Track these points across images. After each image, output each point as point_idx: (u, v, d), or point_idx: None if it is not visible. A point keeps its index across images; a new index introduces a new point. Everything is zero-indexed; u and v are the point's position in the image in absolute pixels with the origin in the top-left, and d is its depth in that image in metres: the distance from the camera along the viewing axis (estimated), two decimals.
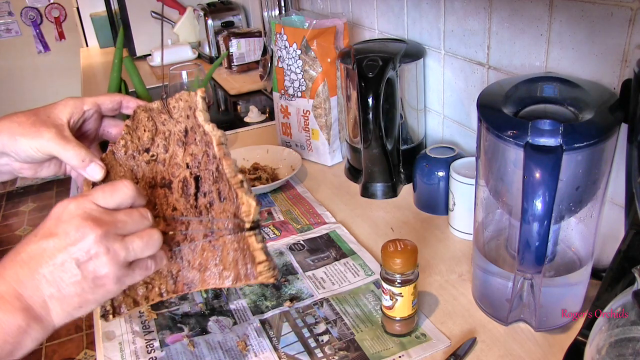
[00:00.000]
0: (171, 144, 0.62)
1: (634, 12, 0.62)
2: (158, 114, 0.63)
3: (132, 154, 0.64)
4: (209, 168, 0.58)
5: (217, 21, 2.06)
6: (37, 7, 3.57)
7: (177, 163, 0.61)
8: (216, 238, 0.57)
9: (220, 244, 0.57)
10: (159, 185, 0.62)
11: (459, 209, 0.86)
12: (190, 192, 0.60)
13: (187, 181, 0.60)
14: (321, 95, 1.11)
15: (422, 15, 1.03)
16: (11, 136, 0.58)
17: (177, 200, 0.60)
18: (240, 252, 0.56)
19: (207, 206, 0.59)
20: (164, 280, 0.59)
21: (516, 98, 0.63)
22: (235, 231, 0.56)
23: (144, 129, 0.64)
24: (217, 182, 0.58)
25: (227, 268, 0.57)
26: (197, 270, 0.58)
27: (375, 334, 0.69)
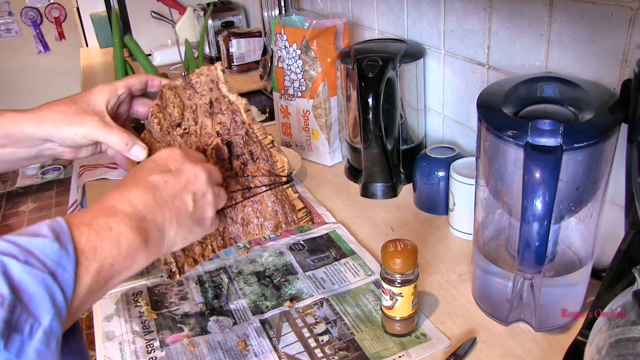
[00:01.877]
0: (199, 116, 0.66)
1: (634, 12, 0.62)
2: (183, 90, 0.68)
3: (167, 130, 0.68)
4: (239, 133, 0.64)
5: (217, 21, 2.06)
6: (37, 7, 3.57)
7: (208, 132, 0.66)
8: (254, 194, 0.64)
9: (259, 199, 0.64)
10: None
11: (459, 209, 0.86)
12: (224, 157, 0.65)
13: (220, 147, 0.65)
14: (321, 95, 1.11)
15: (422, 15, 1.03)
16: (56, 125, 0.62)
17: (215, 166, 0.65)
18: (279, 203, 0.63)
19: (241, 167, 0.65)
20: (214, 238, 0.66)
21: (516, 98, 0.63)
22: (272, 186, 0.63)
23: (172, 105, 0.68)
24: (247, 144, 0.64)
25: (267, 219, 0.64)
26: (241, 225, 0.65)
27: (375, 334, 0.69)
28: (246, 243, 0.90)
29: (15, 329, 0.35)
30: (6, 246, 0.39)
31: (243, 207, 0.64)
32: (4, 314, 0.35)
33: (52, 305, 0.38)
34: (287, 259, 0.85)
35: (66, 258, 0.40)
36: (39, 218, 3.14)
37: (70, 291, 0.40)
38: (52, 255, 0.39)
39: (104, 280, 0.44)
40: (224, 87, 0.65)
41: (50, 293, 0.38)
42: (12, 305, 0.36)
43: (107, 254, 0.44)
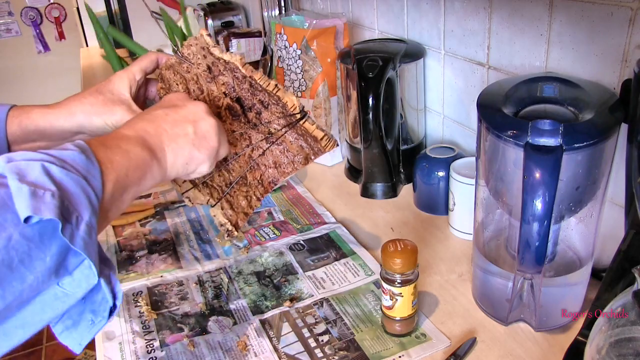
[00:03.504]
0: (203, 84, 0.69)
1: (634, 12, 0.62)
2: (179, 66, 0.71)
3: None
4: (244, 87, 0.67)
5: (217, 21, 2.06)
6: (37, 7, 3.57)
7: (216, 96, 0.69)
8: (277, 138, 0.67)
9: (282, 140, 0.67)
10: None
11: (459, 209, 0.86)
12: (238, 113, 0.68)
13: (231, 105, 0.68)
14: (321, 95, 1.11)
15: (422, 15, 1.03)
16: (87, 116, 0.66)
17: (232, 124, 0.69)
18: (302, 138, 0.67)
19: (257, 117, 0.67)
20: (255, 188, 0.69)
21: (516, 98, 0.63)
22: (290, 125, 0.66)
23: (175, 84, 0.71)
24: (255, 95, 0.67)
25: (296, 154, 0.68)
26: (274, 168, 0.68)
27: (375, 334, 0.69)
28: (246, 243, 0.90)
29: (65, 219, 0.40)
30: (42, 155, 0.43)
31: (271, 152, 0.68)
32: (57, 203, 0.39)
33: (89, 204, 0.43)
34: (287, 259, 0.85)
35: (92, 167, 0.45)
36: None
37: (100, 194, 0.45)
38: (81, 164, 0.44)
39: (121, 190, 0.49)
40: (216, 50, 0.67)
41: (86, 194, 0.43)
42: (61, 198, 0.40)
43: (121, 166, 0.49)
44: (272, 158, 0.68)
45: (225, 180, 0.68)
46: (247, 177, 0.68)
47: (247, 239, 0.91)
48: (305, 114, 0.66)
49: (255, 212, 0.99)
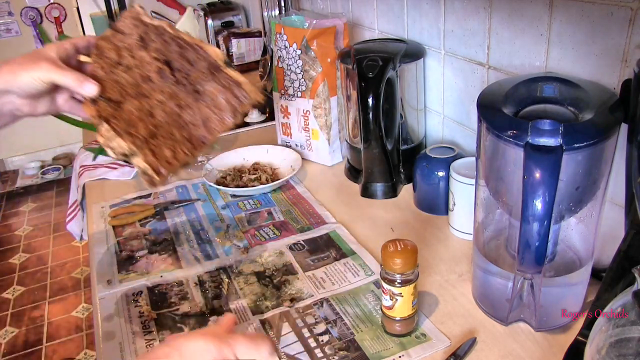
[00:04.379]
0: (135, 52, 0.74)
1: (634, 12, 0.62)
2: (114, 38, 0.76)
3: (109, 70, 0.74)
4: (172, 49, 0.72)
5: (217, 21, 2.06)
6: (37, 7, 3.57)
7: (147, 62, 0.73)
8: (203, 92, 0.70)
9: (209, 96, 0.70)
10: (141, 83, 0.73)
11: (459, 209, 0.86)
12: (167, 75, 0.72)
13: (161, 69, 0.72)
14: (321, 95, 1.11)
15: (422, 15, 1.03)
16: (13, 73, 0.68)
17: (162, 86, 0.72)
18: (226, 89, 0.69)
19: (185, 77, 0.71)
20: (182, 144, 0.70)
21: (516, 98, 0.63)
22: (214, 75, 0.70)
23: (108, 50, 0.75)
24: (182, 55, 0.71)
25: (223, 109, 0.70)
26: (203, 126, 0.70)
27: (375, 334, 0.69)
28: (246, 243, 0.90)
29: None
30: None
31: (199, 109, 0.70)
32: None
33: None
34: (287, 259, 0.85)
35: None
36: (38, 218, 3.14)
37: None
38: None
39: None
40: (146, 18, 0.74)
41: None
42: None
43: None
44: (200, 116, 0.70)
45: (149, 133, 0.69)
46: (174, 133, 0.70)
47: (247, 239, 0.91)
48: (228, 62, 0.70)
49: (255, 212, 0.99)
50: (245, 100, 0.69)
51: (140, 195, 1.08)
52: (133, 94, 0.71)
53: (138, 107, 0.71)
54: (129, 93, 0.72)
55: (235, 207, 1.02)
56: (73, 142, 3.78)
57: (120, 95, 0.71)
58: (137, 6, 0.75)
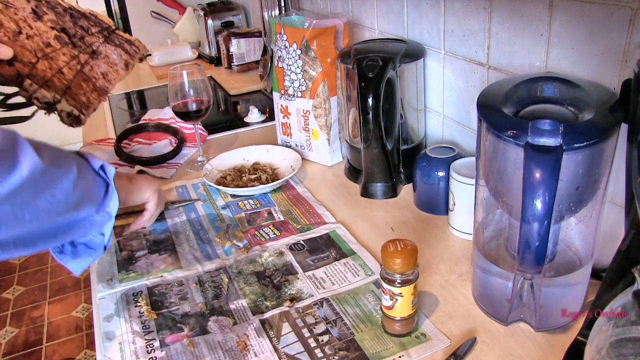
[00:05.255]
0: (31, 23, 0.83)
1: (634, 12, 0.62)
2: (7, 11, 0.84)
3: (13, 38, 0.83)
4: (66, 19, 0.84)
5: (217, 21, 2.06)
6: None
7: (44, 31, 0.83)
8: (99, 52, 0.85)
9: (104, 54, 0.85)
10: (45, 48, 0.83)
11: (459, 209, 0.86)
12: (65, 40, 0.84)
13: (59, 36, 0.83)
14: (321, 95, 1.11)
15: (422, 15, 1.03)
16: None
17: (63, 50, 0.84)
18: (118, 47, 0.85)
19: (80, 41, 0.84)
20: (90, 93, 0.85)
21: (516, 98, 0.63)
22: (107, 38, 0.85)
23: (7, 21, 0.83)
24: (76, 23, 0.84)
25: (117, 64, 0.85)
26: (103, 78, 0.85)
27: (375, 334, 0.69)
28: (246, 243, 0.90)
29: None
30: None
31: (97, 66, 0.85)
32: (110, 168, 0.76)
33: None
34: (287, 259, 0.85)
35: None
36: None
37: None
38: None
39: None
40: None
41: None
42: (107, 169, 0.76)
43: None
44: (100, 70, 0.85)
45: (64, 86, 0.84)
46: (83, 85, 0.84)
47: (247, 239, 0.91)
48: (117, 26, 0.86)
49: (255, 212, 0.99)
50: (135, 54, 0.86)
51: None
52: (41, 57, 0.83)
53: (49, 67, 0.83)
54: (38, 56, 0.83)
55: (235, 207, 1.02)
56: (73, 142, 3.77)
57: (31, 57, 0.82)
58: None
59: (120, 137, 1.31)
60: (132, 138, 1.33)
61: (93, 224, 0.72)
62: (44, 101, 0.82)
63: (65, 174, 0.65)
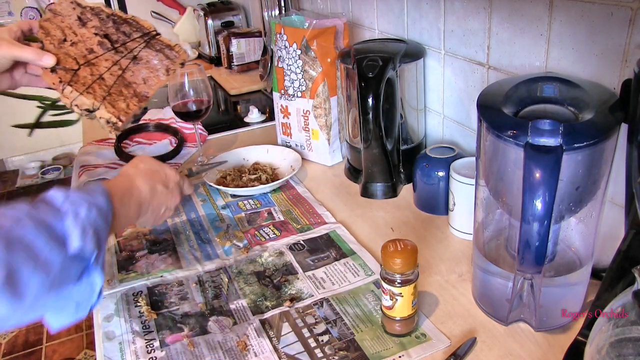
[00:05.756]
0: (76, 30, 0.87)
1: (634, 12, 0.62)
2: (55, 18, 0.88)
3: (58, 46, 0.86)
4: (108, 25, 0.88)
5: (217, 21, 2.06)
6: (37, 7, 3.57)
7: (88, 37, 0.87)
8: (140, 57, 0.88)
9: (145, 60, 0.88)
10: (87, 54, 0.86)
11: (459, 209, 0.86)
12: (108, 46, 0.87)
13: (102, 41, 0.87)
14: (321, 95, 1.11)
15: (422, 15, 1.03)
16: None
17: (105, 56, 0.87)
18: (159, 52, 0.88)
19: (122, 46, 0.87)
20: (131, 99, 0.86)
21: (516, 98, 0.63)
22: (148, 43, 0.88)
23: (53, 29, 0.87)
24: (119, 29, 0.88)
25: (158, 69, 0.88)
26: (144, 83, 0.87)
27: (375, 334, 0.69)
28: (246, 243, 0.90)
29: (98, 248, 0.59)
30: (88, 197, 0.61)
31: (139, 71, 0.87)
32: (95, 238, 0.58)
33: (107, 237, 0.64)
34: (287, 259, 0.85)
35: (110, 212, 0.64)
36: None
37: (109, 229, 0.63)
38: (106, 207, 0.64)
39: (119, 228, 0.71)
40: (82, 1, 0.88)
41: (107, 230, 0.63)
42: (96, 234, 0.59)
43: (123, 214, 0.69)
44: (141, 75, 0.87)
45: (104, 92, 0.84)
46: (123, 91, 0.85)
47: (247, 239, 0.91)
48: (158, 32, 0.88)
49: (255, 212, 0.99)
50: (176, 60, 0.88)
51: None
52: (83, 63, 0.85)
53: (90, 73, 0.84)
54: (80, 63, 0.85)
55: (235, 207, 1.02)
56: (73, 142, 3.78)
57: (75, 63, 0.84)
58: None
59: (121, 137, 1.31)
60: (132, 138, 1.34)
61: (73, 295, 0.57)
62: (83, 108, 0.82)
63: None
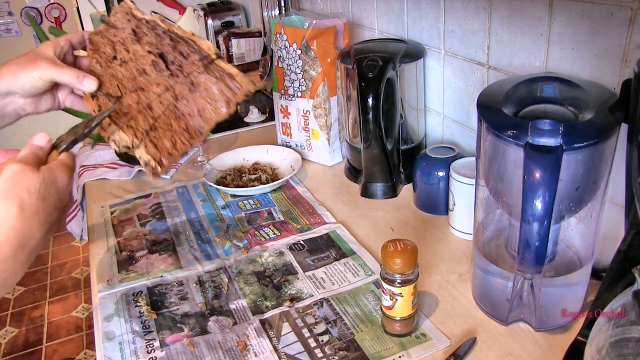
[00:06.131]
0: (129, 45, 0.76)
1: (634, 12, 0.62)
2: (107, 32, 0.79)
3: (105, 65, 0.77)
4: (165, 42, 0.74)
5: (217, 21, 2.06)
6: (37, 7, 3.57)
7: (141, 55, 0.75)
8: (197, 84, 0.72)
9: (203, 87, 0.71)
10: (137, 76, 0.75)
11: (459, 209, 0.86)
12: (162, 67, 0.74)
13: (155, 61, 0.74)
14: (321, 95, 1.11)
15: (422, 15, 1.03)
16: (13, 74, 0.70)
17: (157, 79, 0.74)
18: (220, 80, 0.71)
19: (179, 69, 0.73)
20: (181, 134, 0.72)
21: (516, 98, 0.63)
22: (207, 67, 0.71)
23: (103, 45, 0.78)
24: (175, 47, 0.73)
25: (217, 100, 0.71)
26: (199, 116, 0.72)
27: (375, 334, 0.69)
28: (246, 243, 0.90)
29: None
30: None
31: (194, 100, 0.72)
32: None
33: None
34: (287, 259, 0.85)
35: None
36: None
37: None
38: None
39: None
40: (138, 12, 0.77)
41: None
42: None
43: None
44: (196, 106, 0.72)
45: (149, 125, 0.72)
46: (173, 124, 0.72)
47: (247, 239, 0.91)
48: (220, 55, 0.72)
49: (255, 212, 0.99)
50: (238, 91, 0.71)
51: (140, 196, 1.08)
52: (131, 88, 0.74)
53: (137, 101, 0.73)
54: (127, 87, 0.74)
55: (235, 207, 1.02)
56: None
57: (118, 89, 0.74)
58: (128, 1, 0.78)
59: None
60: None
61: None
62: (122, 145, 0.71)
63: None
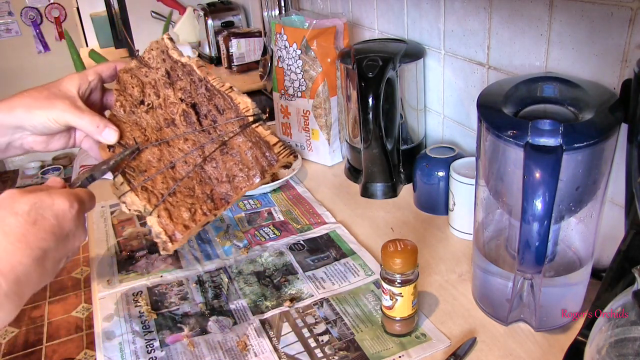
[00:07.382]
0: (160, 89, 0.67)
1: (634, 12, 0.62)
2: (138, 70, 0.70)
3: (130, 110, 0.68)
4: (200, 92, 0.65)
5: (217, 21, 2.06)
6: (37, 7, 3.57)
7: (172, 102, 0.66)
8: (230, 146, 0.62)
9: (236, 150, 0.62)
10: (164, 127, 0.67)
11: (459, 209, 0.86)
12: (193, 120, 0.65)
13: (187, 111, 0.65)
14: (321, 95, 1.11)
15: (422, 15, 1.03)
16: (27, 110, 0.63)
17: (186, 132, 0.65)
18: (255, 146, 0.61)
19: (212, 124, 0.64)
20: (203, 202, 0.63)
21: (516, 98, 0.63)
22: (243, 130, 0.62)
23: (131, 86, 0.69)
24: (211, 99, 0.64)
25: (251, 168, 0.62)
26: (227, 182, 0.63)
27: (375, 334, 0.69)
28: (246, 243, 0.90)
29: None
30: None
31: (224, 164, 0.63)
32: None
33: None
34: (287, 259, 0.85)
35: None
36: None
37: None
38: None
39: None
40: (174, 53, 0.68)
41: None
42: None
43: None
44: (226, 171, 0.63)
45: (168, 189, 0.63)
46: (195, 189, 0.63)
47: (247, 239, 0.91)
48: (261, 119, 0.63)
49: (255, 212, 0.99)
50: (275, 164, 0.61)
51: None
52: (154, 140, 0.65)
53: (158, 157, 0.64)
54: (149, 138, 0.65)
55: (235, 207, 1.02)
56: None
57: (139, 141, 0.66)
58: (166, 37, 0.69)
59: None
60: None
61: None
62: (133, 208, 0.63)
63: None
